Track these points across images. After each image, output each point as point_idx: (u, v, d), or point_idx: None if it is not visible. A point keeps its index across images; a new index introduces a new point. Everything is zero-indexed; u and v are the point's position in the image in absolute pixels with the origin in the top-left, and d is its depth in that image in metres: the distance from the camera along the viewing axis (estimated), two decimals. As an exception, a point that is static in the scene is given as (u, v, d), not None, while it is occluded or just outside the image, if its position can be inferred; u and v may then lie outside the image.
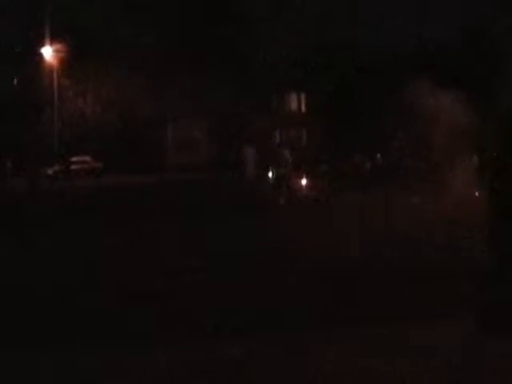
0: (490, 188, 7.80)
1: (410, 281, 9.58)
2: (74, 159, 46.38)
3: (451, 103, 46.95)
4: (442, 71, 47.62)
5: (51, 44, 47.11)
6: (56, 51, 47.16)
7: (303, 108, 59.46)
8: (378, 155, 52.31)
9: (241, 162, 37.50)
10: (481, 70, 49.98)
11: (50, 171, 42.85)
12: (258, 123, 51.46)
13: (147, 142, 50.12)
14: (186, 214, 19.37)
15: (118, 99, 49.27)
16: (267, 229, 16.15)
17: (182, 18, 50.66)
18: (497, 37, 50.16)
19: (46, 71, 47.76)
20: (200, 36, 49.70)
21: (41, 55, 47.58)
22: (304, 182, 28.00)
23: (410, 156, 48.49)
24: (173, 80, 48.61)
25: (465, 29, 55.56)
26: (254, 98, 51.81)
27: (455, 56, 53.34)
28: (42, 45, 47.32)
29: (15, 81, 50.01)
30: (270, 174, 25.63)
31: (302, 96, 59.14)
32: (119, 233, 15.83)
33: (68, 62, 48.22)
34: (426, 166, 45.21)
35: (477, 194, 17.64)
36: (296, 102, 59.62)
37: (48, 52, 47.00)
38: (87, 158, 47.11)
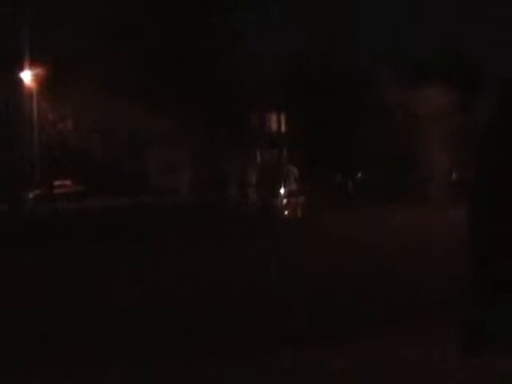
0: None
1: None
2: (54, 183, 46.16)
3: (432, 118, 47.23)
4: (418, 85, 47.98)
5: (30, 67, 46.91)
6: (35, 75, 46.96)
7: (283, 128, 59.55)
8: (359, 174, 52.61)
9: (224, 182, 37.51)
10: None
11: (30, 195, 42.71)
12: (239, 143, 51.43)
13: (129, 165, 49.95)
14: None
15: (100, 122, 49.10)
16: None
17: (163, 37, 50.71)
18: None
19: (25, 95, 47.55)
20: (181, 57, 49.72)
21: (20, 79, 47.38)
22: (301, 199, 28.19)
23: (391, 173, 48.90)
24: (154, 103, 48.57)
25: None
26: (234, 118, 51.84)
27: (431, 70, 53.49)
28: (22, 68, 47.11)
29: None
30: (282, 191, 25.78)
31: (282, 116, 59.22)
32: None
33: (48, 86, 48.01)
34: (408, 183, 45.56)
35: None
36: (276, 122, 59.68)
37: (27, 76, 46.82)
38: (67, 182, 46.93)
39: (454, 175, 51.32)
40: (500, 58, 48.29)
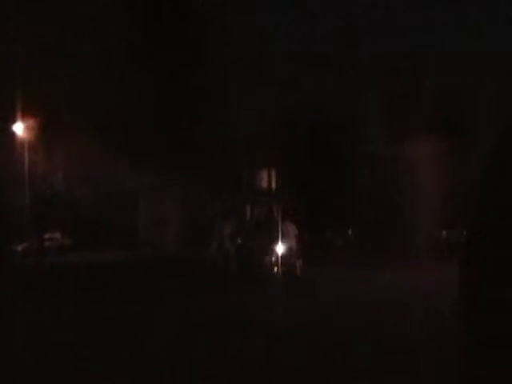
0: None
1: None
2: (44, 236, 45.98)
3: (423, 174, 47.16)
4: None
5: (23, 120, 47.00)
6: (28, 127, 47.04)
7: (274, 184, 59.51)
8: (350, 230, 52.49)
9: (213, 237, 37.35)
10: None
11: (19, 248, 42.49)
12: (228, 199, 51.40)
13: (119, 218, 49.84)
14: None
15: (89, 175, 49.12)
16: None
17: (155, 92, 50.94)
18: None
19: (17, 147, 47.57)
20: (172, 113, 49.93)
21: (12, 131, 47.46)
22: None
23: (383, 230, 48.80)
24: (145, 157, 48.69)
25: None
26: (225, 174, 51.89)
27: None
28: (14, 121, 47.21)
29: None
30: (281, 248, 25.74)
31: (273, 172, 59.22)
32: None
33: (39, 138, 48.11)
34: (398, 241, 45.47)
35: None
36: (267, 179, 59.66)
37: (19, 128, 46.88)
38: (57, 235, 46.73)
39: (444, 233, 51.29)
40: (492, 108, 48.47)
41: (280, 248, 27.50)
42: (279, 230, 28.57)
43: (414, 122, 50.74)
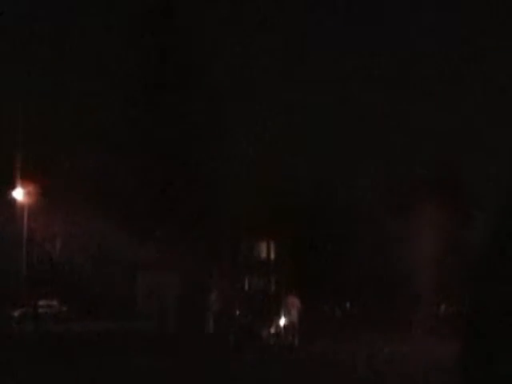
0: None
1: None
2: (40, 303, 45.69)
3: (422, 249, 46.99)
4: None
5: (22, 186, 47.11)
6: (27, 193, 47.13)
7: (272, 256, 59.60)
8: (348, 304, 52.26)
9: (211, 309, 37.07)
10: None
11: (16, 313, 42.28)
12: (226, 270, 51.26)
13: (116, 288, 49.63)
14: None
15: (88, 243, 49.05)
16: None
17: (156, 170, 51.04)
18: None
19: (16, 212, 47.62)
20: (171, 184, 49.99)
21: (12, 197, 47.54)
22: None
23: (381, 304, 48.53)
24: (145, 227, 48.68)
25: None
26: (224, 246, 51.87)
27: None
28: (13, 187, 47.32)
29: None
30: (282, 323, 25.51)
31: (271, 243, 59.35)
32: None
33: (38, 205, 48.18)
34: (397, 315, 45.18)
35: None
36: (265, 250, 59.76)
37: (19, 194, 46.97)
38: (53, 303, 46.46)
39: (442, 307, 51.03)
40: (494, 179, 48.86)
41: (282, 321, 27.27)
42: (281, 302, 28.37)
43: (413, 198, 50.91)
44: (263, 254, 59.70)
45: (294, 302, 27.34)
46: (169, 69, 50.63)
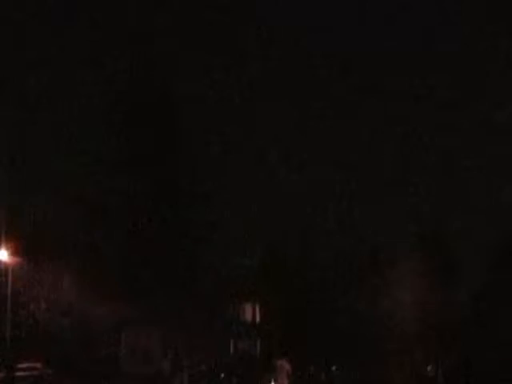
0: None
1: None
2: (23, 365, 45.10)
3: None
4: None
5: (6, 247, 46.78)
6: (11, 254, 46.79)
7: (258, 318, 59.30)
8: (334, 367, 51.86)
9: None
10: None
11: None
12: (212, 334, 50.95)
13: (101, 350, 49.20)
14: None
15: (72, 305, 48.75)
16: None
17: (141, 231, 50.86)
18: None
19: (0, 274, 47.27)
20: (158, 248, 49.85)
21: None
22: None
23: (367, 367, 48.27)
24: (130, 289, 48.41)
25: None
26: (208, 309, 51.56)
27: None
28: (-2, 248, 46.96)
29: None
30: None
31: (257, 306, 59.10)
32: None
33: (22, 266, 47.90)
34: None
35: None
36: (251, 313, 59.46)
37: (4, 255, 46.60)
38: (37, 365, 45.85)
39: (429, 368, 50.76)
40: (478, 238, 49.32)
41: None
42: (279, 367, 28.09)
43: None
44: (249, 317, 59.45)
45: (284, 365, 27.07)
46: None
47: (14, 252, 47.38)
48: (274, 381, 26.23)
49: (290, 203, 56.58)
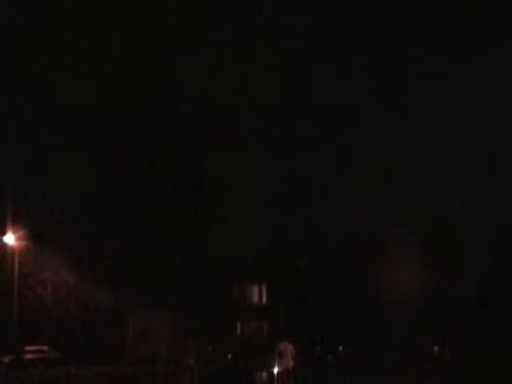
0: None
1: None
2: (30, 348, 45.33)
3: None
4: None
5: (13, 231, 46.97)
6: (18, 238, 46.98)
7: (264, 300, 59.42)
8: (341, 347, 51.97)
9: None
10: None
11: (6, 359, 42.13)
12: (218, 314, 51.09)
13: (107, 333, 49.42)
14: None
15: (79, 289, 48.94)
16: None
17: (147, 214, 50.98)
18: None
19: (7, 258, 47.42)
20: (162, 234, 49.96)
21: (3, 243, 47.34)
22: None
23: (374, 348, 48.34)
24: (137, 273, 48.63)
25: None
26: (215, 288, 51.72)
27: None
28: (4, 232, 47.15)
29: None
30: (276, 370, 25.20)
31: (264, 288, 59.22)
32: None
33: (29, 250, 48.07)
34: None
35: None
36: (257, 294, 59.60)
37: (11, 239, 46.78)
38: (44, 348, 46.08)
39: (435, 349, 50.81)
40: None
41: (276, 368, 26.94)
42: (275, 348, 28.12)
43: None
44: (255, 298, 59.59)
45: (288, 347, 27.10)
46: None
47: (21, 236, 47.61)
48: (279, 362, 26.21)
49: (295, 191, 56.42)
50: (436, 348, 50.73)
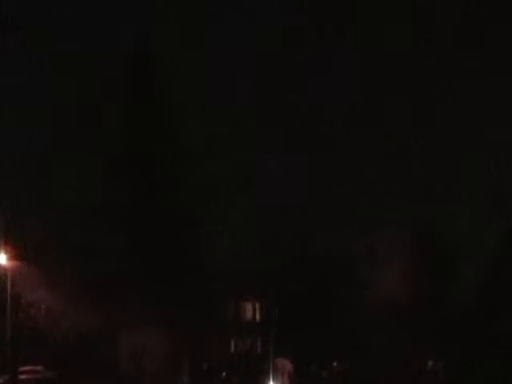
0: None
1: None
2: (24, 368, 45.28)
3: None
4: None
5: (5, 251, 46.90)
6: (10, 258, 46.90)
7: (258, 317, 59.39)
8: (335, 363, 51.88)
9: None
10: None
11: (1, 380, 42.06)
12: (212, 331, 51.03)
13: (100, 351, 49.35)
14: None
15: (72, 308, 48.87)
16: None
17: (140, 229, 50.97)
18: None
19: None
20: (157, 244, 49.96)
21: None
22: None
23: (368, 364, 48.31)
24: (128, 291, 48.61)
25: None
26: (209, 305, 51.67)
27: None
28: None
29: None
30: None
31: (257, 305, 59.19)
32: None
33: (22, 269, 48.00)
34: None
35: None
36: (251, 311, 59.58)
37: (3, 259, 46.70)
38: (38, 368, 46.06)
39: (430, 363, 50.75)
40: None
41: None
42: (278, 366, 28.12)
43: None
44: (250, 315, 59.53)
45: (285, 364, 27.06)
46: None
47: (13, 256, 47.52)
48: (275, 380, 26.15)
49: (289, 199, 56.36)
50: (430, 362, 50.70)
